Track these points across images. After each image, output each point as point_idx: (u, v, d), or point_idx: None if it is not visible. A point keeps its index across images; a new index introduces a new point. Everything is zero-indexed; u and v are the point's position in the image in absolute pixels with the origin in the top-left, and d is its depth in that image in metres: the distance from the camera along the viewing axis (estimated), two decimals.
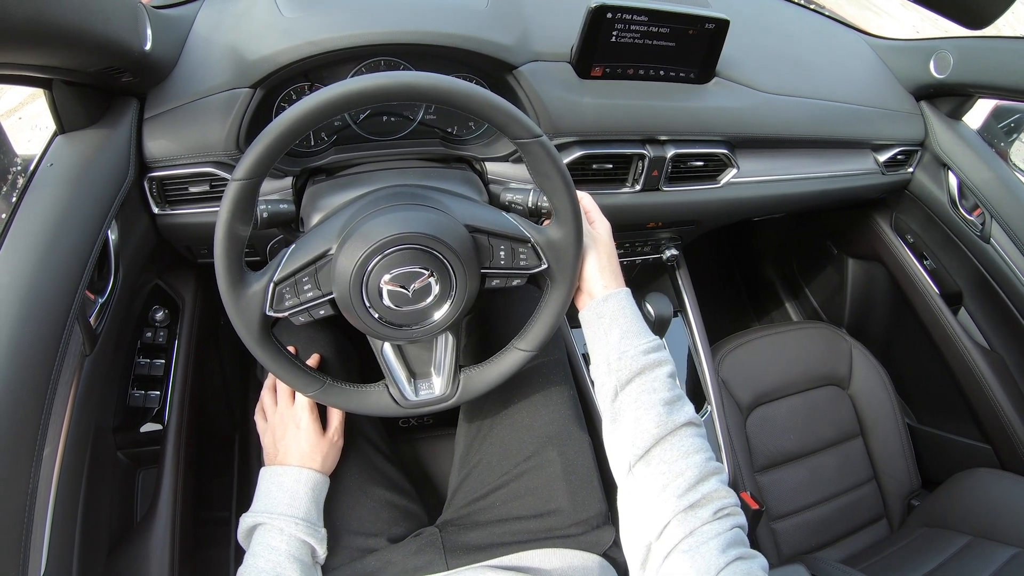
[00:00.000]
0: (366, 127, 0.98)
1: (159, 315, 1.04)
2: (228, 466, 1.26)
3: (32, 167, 0.76)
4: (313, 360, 0.95)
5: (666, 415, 0.69)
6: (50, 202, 0.71)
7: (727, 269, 2.13)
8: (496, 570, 0.80)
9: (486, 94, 0.64)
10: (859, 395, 1.41)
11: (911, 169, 1.37)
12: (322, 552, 0.81)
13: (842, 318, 1.72)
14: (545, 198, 0.74)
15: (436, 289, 0.70)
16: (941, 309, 1.39)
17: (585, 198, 0.85)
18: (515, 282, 0.77)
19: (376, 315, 0.71)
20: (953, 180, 1.31)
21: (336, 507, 0.87)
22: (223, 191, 0.85)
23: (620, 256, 1.30)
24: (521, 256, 0.75)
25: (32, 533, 0.61)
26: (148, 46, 0.79)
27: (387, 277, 0.68)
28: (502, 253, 0.74)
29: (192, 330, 1.07)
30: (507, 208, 0.90)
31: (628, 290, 0.79)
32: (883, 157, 1.31)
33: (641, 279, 1.43)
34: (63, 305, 0.67)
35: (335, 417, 0.91)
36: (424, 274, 0.69)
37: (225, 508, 1.21)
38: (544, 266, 0.75)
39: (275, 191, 0.92)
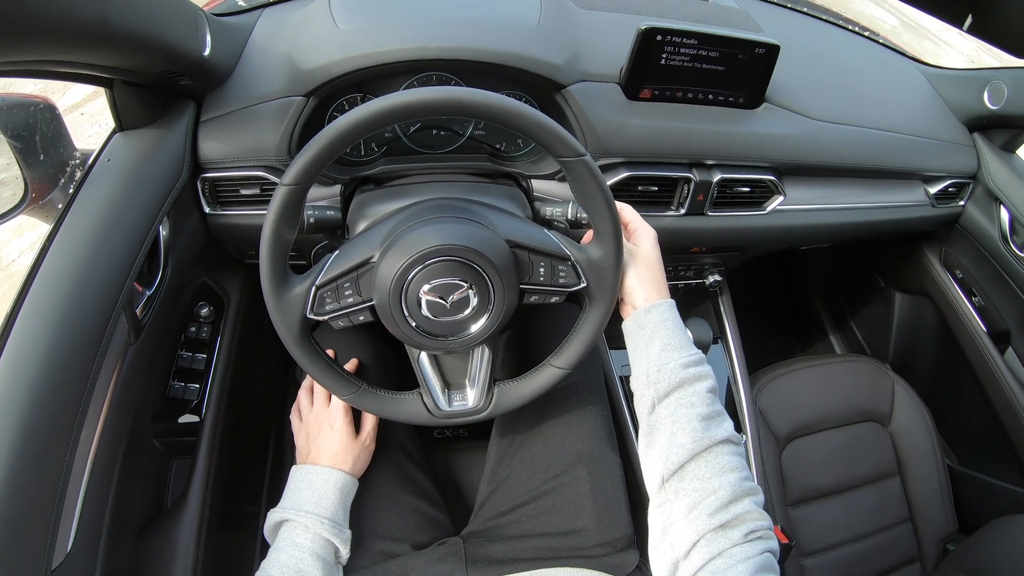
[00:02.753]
0: (416, 140, 1.00)
1: (204, 311, 1.07)
2: (262, 461, 1.28)
3: (90, 161, 0.79)
4: (351, 364, 0.97)
5: (703, 431, 0.68)
6: (105, 196, 0.74)
7: (774, 298, 2.09)
8: None
9: (530, 111, 0.65)
10: (899, 433, 1.37)
11: (962, 202, 1.33)
12: (345, 552, 0.82)
13: (887, 353, 1.68)
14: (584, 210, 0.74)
15: (474, 302, 0.71)
16: (988, 348, 1.34)
17: (627, 210, 0.85)
18: (553, 299, 0.77)
19: (414, 324, 0.72)
20: (1005, 215, 1.27)
21: (363, 510, 0.88)
22: (272, 195, 0.88)
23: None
24: (561, 273, 0.75)
25: (63, 510, 0.63)
26: (207, 52, 0.82)
27: (426, 287, 0.69)
28: (542, 270, 0.75)
29: (235, 328, 1.10)
30: (548, 224, 0.90)
31: (672, 302, 0.79)
32: (934, 189, 1.27)
33: (683, 304, 1.41)
34: (111, 294, 0.70)
35: (369, 422, 0.92)
36: (463, 286, 0.70)
37: (255, 502, 1.23)
38: (583, 284, 0.76)
39: (323, 198, 0.94)
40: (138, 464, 0.89)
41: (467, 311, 0.71)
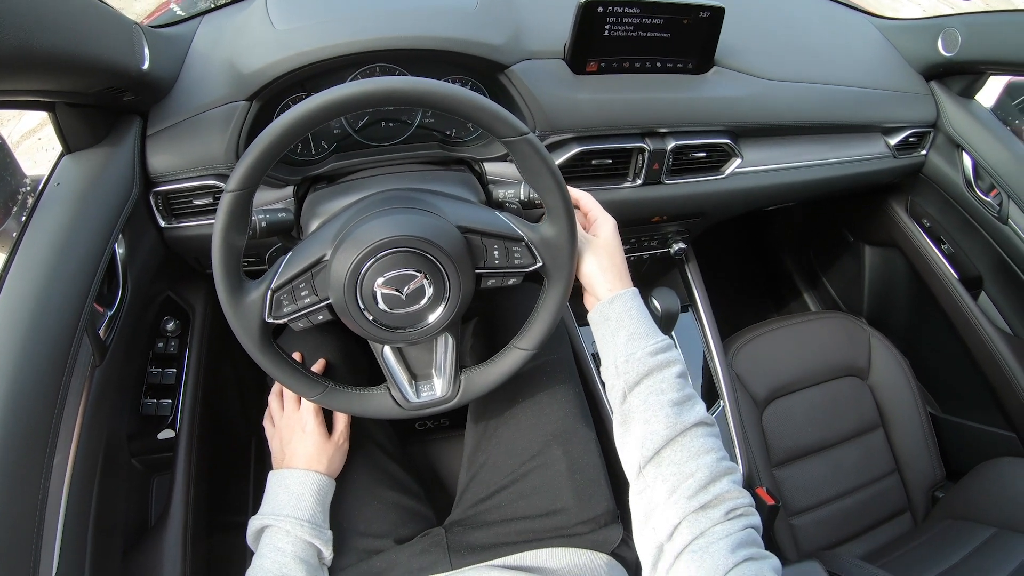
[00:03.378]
0: (365, 134, 0.98)
1: (170, 325, 1.06)
2: (245, 470, 1.28)
3: (40, 187, 0.78)
4: (319, 365, 0.96)
5: (675, 416, 0.68)
6: (57, 220, 0.73)
7: (745, 261, 2.10)
8: (500, 570, 0.80)
9: (468, 95, 0.64)
10: (879, 385, 1.38)
11: (924, 151, 1.33)
12: (328, 553, 0.82)
13: (861, 307, 1.69)
14: None
15: (430, 291, 0.71)
16: (961, 294, 1.35)
17: (585, 198, 0.84)
18: (511, 281, 0.77)
19: (371, 318, 0.71)
20: (968, 161, 1.27)
21: (343, 509, 0.88)
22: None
23: (627, 251, 1.28)
24: (515, 255, 0.75)
25: (43, 538, 0.63)
26: (146, 65, 0.81)
27: (380, 280, 0.68)
28: (496, 253, 0.74)
29: (203, 339, 1.09)
30: (501, 206, 0.89)
31: (635, 290, 0.78)
32: (894, 140, 1.28)
33: (651, 274, 1.42)
34: (71, 318, 0.69)
35: (341, 421, 0.91)
36: (417, 276, 0.69)
37: (242, 510, 1.22)
38: (539, 264, 0.75)
39: (276, 200, 0.93)
40: (117, 484, 0.88)
41: (423, 301, 0.71)
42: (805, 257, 1.91)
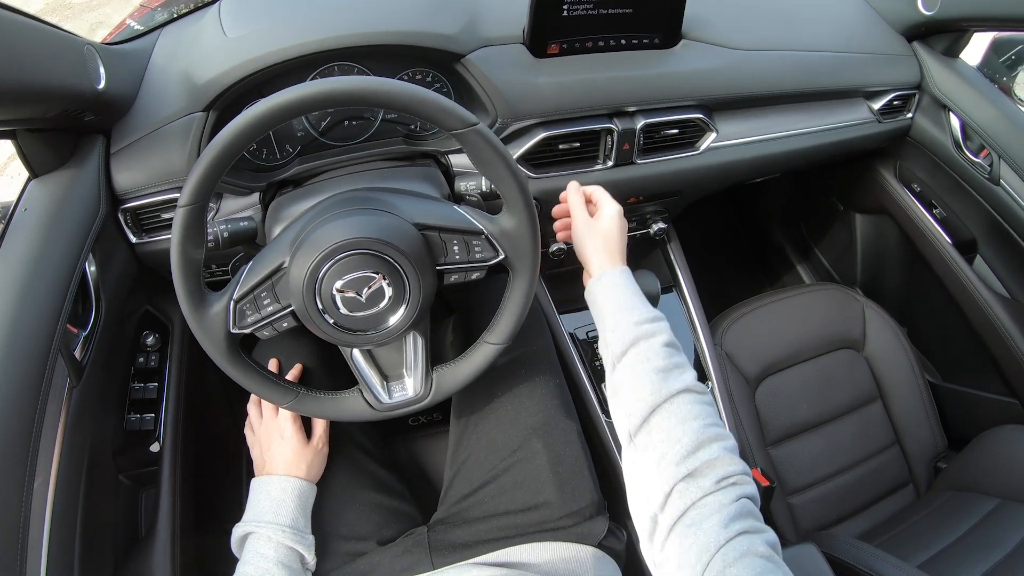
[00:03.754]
0: (330, 134, 0.98)
1: (150, 339, 1.06)
2: (237, 477, 1.27)
3: (8, 214, 0.79)
4: (296, 369, 0.96)
5: (660, 383, 0.68)
6: (25, 245, 0.74)
7: (735, 236, 2.06)
8: (482, 567, 0.79)
9: (410, 89, 0.63)
10: (875, 356, 1.35)
11: (910, 114, 1.29)
12: (311, 558, 0.82)
13: (855, 277, 1.65)
14: None
15: (389, 292, 0.70)
16: (955, 259, 1.31)
17: (596, 189, 0.88)
18: (474, 275, 0.76)
19: (332, 321, 0.71)
20: (955, 122, 1.23)
21: (324, 513, 0.88)
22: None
23: None
24: (476, 249, 0.74)
25: (28, 558, 0.63)
26: (101, 85, 0.81)
27: (339, 284, 0.68)
28: (456, 248, 0.73)
29: (183, 351, 1.09)
30: (462, 199, 0.88)
31: (624, 268, 0.81)
32: (877, 104, 1.24)
33: (634, 256, 1.39)
34: (44, 341, 0.70)
35: (319, 425, 0.92)
36: (375, 278, 0.69)
37: (235, 518, 1.22)
38: (501, 256, 0.74)
39: (244, 207, 0.93)
40: (105, 502, 0.89)
41: (384, 303, 0.70)
42: (796, 229, 1.87)
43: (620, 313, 0.75)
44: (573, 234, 0.86)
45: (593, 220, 0.84)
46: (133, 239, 0.92)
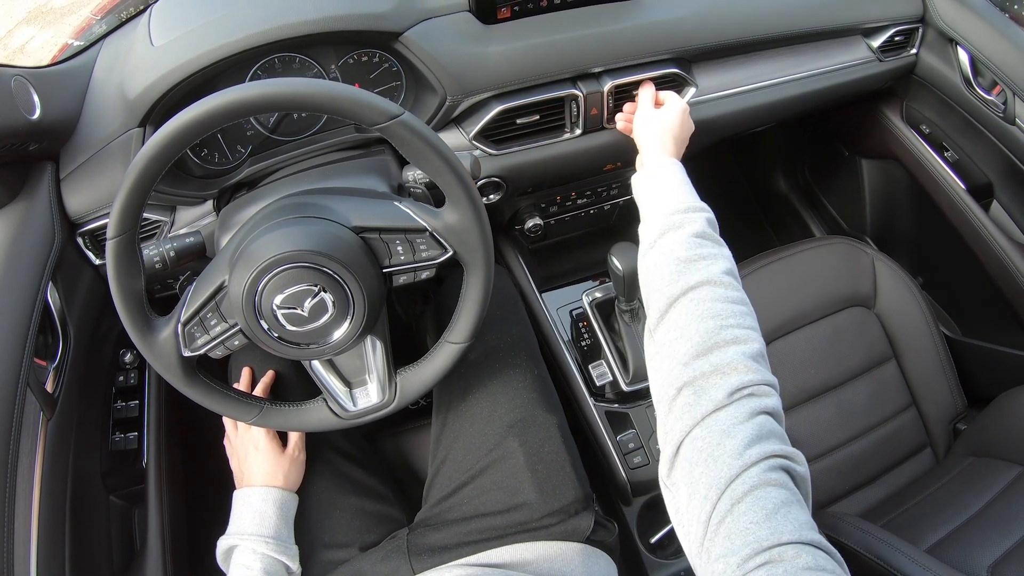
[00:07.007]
0: (280, 130, 0.92)
1: (127, 357, 1.06)
2: (223, 490, 1.26)
3: None
4: (268, 377, 0.95)
5: (677, 275, 0.63)
6: None
7: (736, 189, 1.96)
8: (464, 568, 0.77)
9: (322, 87, 0.58)
10: (888, 313, 1.25)
11: (914, 50, 1.19)
12: (295, 568, 0.82)
13: (864, 225, 1.55)
14: None
15: (332, 304, 0.66)
16: (970, 206, 1.21)
17: (670, 94, 0.91)
18: (424, 275, 0.72)
19: (277, 335, 0.68)
20: (964, 56, 1.12)
21: (306, 521, 0.87)
22: (156, 230, 0.86)
23: (587, 204, 1.19)
24: (421, 247, 0.69)
25: None
26: (36, 114, 0.77)
27: (278, 299, 0.65)
28: (400, 248, 0.69)
29: None
30: (406, 191, 0.83)
31: (674, 161, 0.79)
32: (877, 42, 1.14)
33: (621, 223, 1.32)
34: (10, 377, 0.70)
35: (293, 434, 0.90)
36: (314, 291, 0.65)
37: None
38: (449, 253, 0.69)
39: (200, 216, 0.90)
40: (97, 524, 0.90)
41: (327, 315, 0.67)
42: (800, 176, 1.76)
43: (655, 203, 0.73)
44: (634, 123, 0.88)
45: (655, 111, 0.86)
46: (96, 261, 0.90)
